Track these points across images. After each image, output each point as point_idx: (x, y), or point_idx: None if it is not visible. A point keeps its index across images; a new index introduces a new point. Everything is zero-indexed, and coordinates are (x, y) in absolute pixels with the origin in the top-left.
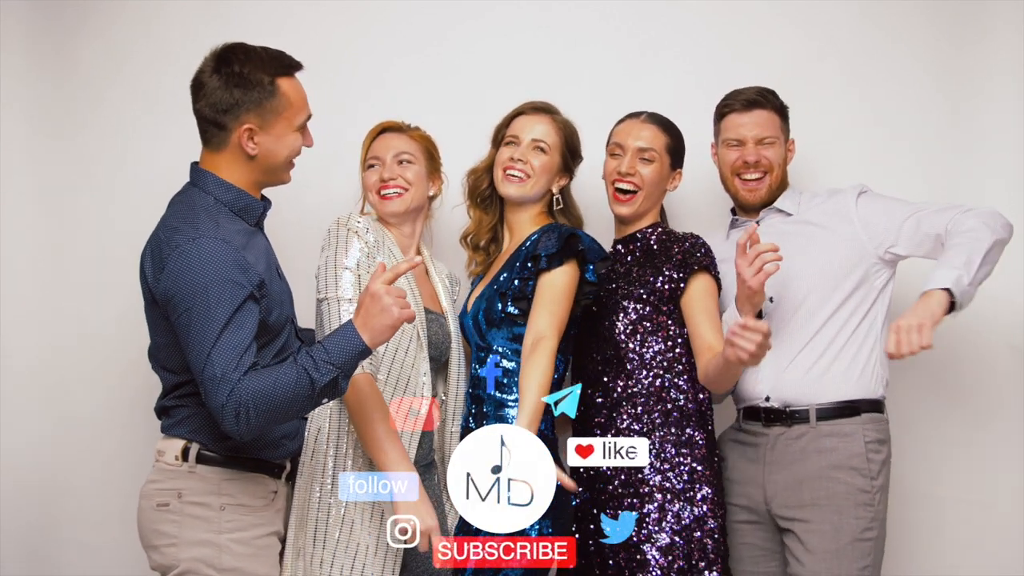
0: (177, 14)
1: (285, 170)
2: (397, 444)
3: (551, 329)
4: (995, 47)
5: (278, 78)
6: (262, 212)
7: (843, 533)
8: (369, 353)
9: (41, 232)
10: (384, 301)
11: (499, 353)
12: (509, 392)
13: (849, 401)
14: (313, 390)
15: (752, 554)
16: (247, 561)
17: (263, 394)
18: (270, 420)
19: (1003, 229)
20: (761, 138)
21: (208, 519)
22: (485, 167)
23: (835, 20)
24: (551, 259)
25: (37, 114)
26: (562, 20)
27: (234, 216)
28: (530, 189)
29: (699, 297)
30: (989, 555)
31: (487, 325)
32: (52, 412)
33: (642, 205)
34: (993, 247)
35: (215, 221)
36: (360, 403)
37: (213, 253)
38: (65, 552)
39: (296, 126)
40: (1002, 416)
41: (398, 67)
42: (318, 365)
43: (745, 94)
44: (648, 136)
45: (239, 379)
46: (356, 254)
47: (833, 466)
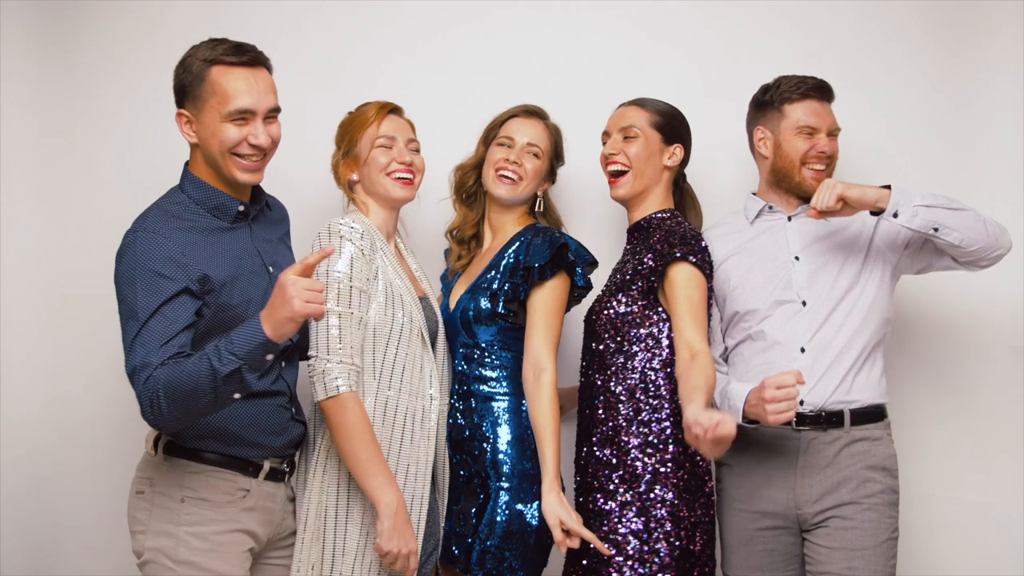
0: (177, 14)
1: (224, 162)
2: (381, 467)
3: (549, 358)
4: (995, 47)
5: (212, 66)
6: (241, 211)
7: (881, 531)
8: (274, 346)
9: (41, 231)
10: (287, 292)
11: (485, 348)
12: (497, 384)
13: (875, 405)
14: (215, 380)
15: (773, 561)
16: (202, 556)
17: (171, 383)
18: (182, 411)
19: (995, 228)
20: (833, 129)
21: (170, 510)
22: (473, 164)
23: (835, 20)
24: (543, 270)
25: (37, 113)
26: (561, 19)
27: (209, 215)
28: (521, 192)
29: (680, 287)
30: (989, 555)
31: (475, 322)
32: (52, 412)
33: (635, 185)
34: (970, 216)
35: (168, 217)
36: (343, 423)
37: (146, 247)
38: (65, 552)
39: (223, 115)
40: (1002, 416)
41: (396, 63)
42: (221, 355)
43: (815, 81)
44: (630, 115)
45: (155, 369)
46: (348, 260)
47: (870, 467)
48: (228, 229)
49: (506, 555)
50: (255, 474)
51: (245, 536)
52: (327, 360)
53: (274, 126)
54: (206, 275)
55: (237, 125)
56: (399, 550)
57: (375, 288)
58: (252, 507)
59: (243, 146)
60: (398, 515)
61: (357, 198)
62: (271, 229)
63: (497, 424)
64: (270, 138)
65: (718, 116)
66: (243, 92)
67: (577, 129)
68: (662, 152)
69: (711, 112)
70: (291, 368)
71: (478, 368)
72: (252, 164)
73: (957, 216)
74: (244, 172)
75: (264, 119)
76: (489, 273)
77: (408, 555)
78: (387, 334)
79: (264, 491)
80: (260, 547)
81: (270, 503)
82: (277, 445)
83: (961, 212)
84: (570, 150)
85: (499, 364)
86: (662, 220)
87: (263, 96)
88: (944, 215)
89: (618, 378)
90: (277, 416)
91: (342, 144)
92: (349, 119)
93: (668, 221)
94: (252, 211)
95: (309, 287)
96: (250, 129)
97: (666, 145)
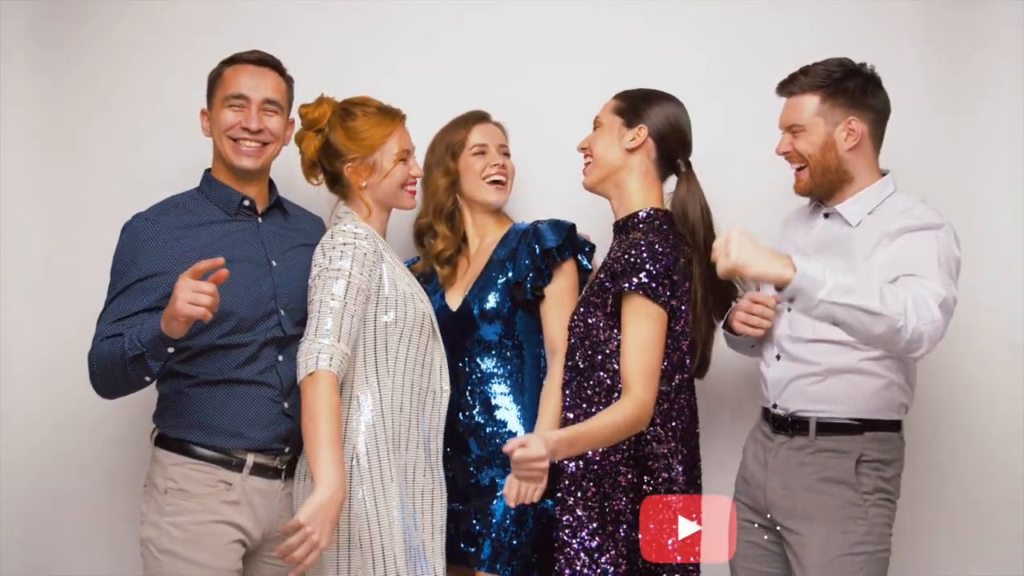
0: (178, 14)
1: (223, 146)
2: (337, 454)
3: (563, 341)
4: (995, 47)
5: (228, 66)
6: (246, 205)
7: (831, 547)
8: (170, 340)
9: (43, 233)
10: (177, 293)
11: (491, 345)
12: (503, 382)
13: (852, 419)
14: (124, 361)
15: (755, 552)
16: (182, 546)
17: (100, 357)
18: (104, 382)
19: (915, 319)
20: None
21: (157, 501)
22: (448, 184)
23: (836, 20)
24: (561, 250)
25: (39, 114)
26: (561, 20)
27: (215, 207)
28: (508, 192)
29: (628, 321)
30: (989, 555)
31: (482, 319)
32: (52, 412)
33: (594, 173)
34: (877, 315)
35: (170, 207)
36: (311, 400)
37: (133, 233)
38: (65, 552)
39: (222, 100)
40: (1002, 416)
41: (396, 64)
42: (130, 339)
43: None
44: (603, 107)
45: (100, 341)
46: (350, 259)
47: (823, 479)
48: (230, 220)
49: (532, 551)
50: (239, 469)
51: (228, 528)
52: (314, 341)
53: (272, 119)
54: (169, 270)
55: (234, 110)
56: (313, 534)
57: (381, 293)
58: (236, 501)
59: (237, 129)
60: (331, 503)
61: (362, 198)
62: (286, 232)
63: (504, 421)
64: (264, 126)
65: (718, 116)
66: (242, 81)
67: (583, 131)
68: (622, 136)
69: (712, 112)
70: (289, 364)
71: (484, 366)
72: (248, 150)
73: (864, 320)
74: (240, 156)
75: (261, 109)
76: (491, 272)
77: (315, 547)
78: (399, 332)
79: (251, 486)
80: (253, 543)
81: (260, 499)
82: (261, 438)
83: (871, 317)
84: (570, 149)
85: (504, 362)
86: (643, 221)
87: (259, 86)
88: (846, 314)
89: (587, 383)
90: (264, 408)
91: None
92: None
93: (643, 225)
94: (260, 207)
95: (196, 289)
96: (245, 114)
97: (627, 128)
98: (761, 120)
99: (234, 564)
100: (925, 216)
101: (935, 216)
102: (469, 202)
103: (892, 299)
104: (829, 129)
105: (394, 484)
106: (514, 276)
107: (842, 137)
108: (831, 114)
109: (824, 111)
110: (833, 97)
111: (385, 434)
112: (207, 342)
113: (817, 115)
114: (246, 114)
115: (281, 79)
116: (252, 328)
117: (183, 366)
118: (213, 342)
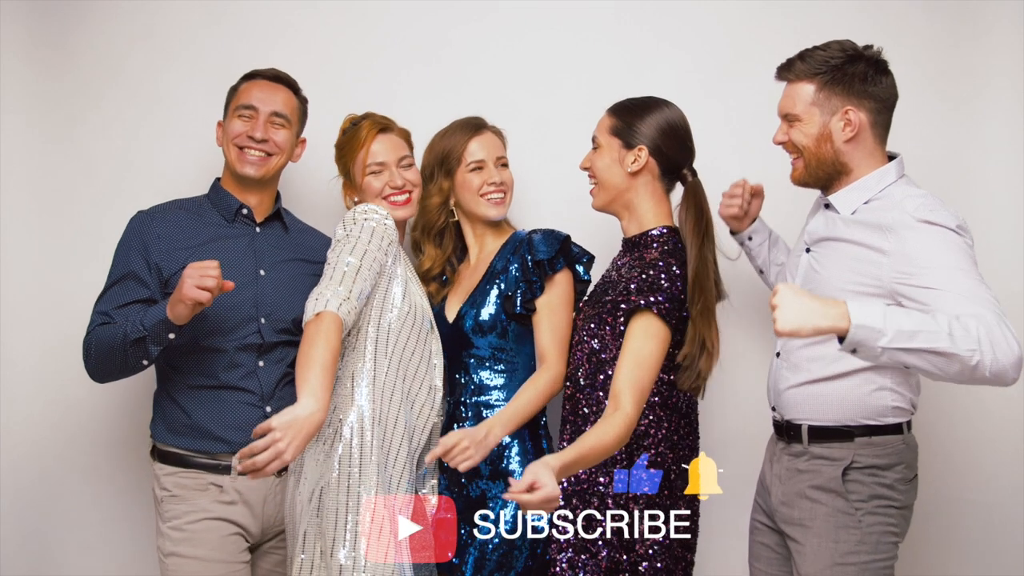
0: (177, 15)
1: (229, 153)
2: (326, 378)
3: (555, 355)
4: (994, 47)
5: (245, 81)
6: (244, 213)
7: (821, 557)
8: (173, 325)
9: (41, 232)
10: (184, 278)
11: (485, 358)
12: (498, 393)
13: (844, 425)
14: (125, 343)
15: (768, 555)
16: (181, 546)
17: (99, 339)
18: (101, 363)
19: (990, 354)
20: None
21: (159, 511)
22: (440, 202)
23: (835, 20)
24: (553, 262)
25: (37, 114)
26: (561, 20)
27: (215, 211)
28: (508, 206)
29: (633, 336)
30: (989, 555)
31: (475, 332)
32: (52, 412)
33: (601, 196)
34: (949, 355)
35: (174, 206)
36: (312, 333)
37: (131, 227)
38: (65, 552)
39: (233, 109)
40: (1002, 416)
41: (398, 62)
42: (133, 322)
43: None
44: (599, 124)
45: (97, 326)
46: (371, 230)
47: (815, 487)
48: (226, 226)
49: (530, 563)
50: (226, 472)
51: (224, 523)
52: (324, 289)
53: (280, 132)
54: (159, 266)
55: (242, 120)
56: (280, 442)
57: (393, 282)
58: (232, 501)
59: (243, 138)
60: (309, 421)
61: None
62: (282, 244)
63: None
64: (270, 137)
65: (718, 115)
66: (254, 94)
67: (583, 134)
68: (623, 159)
69: (711, 112)
70: (270, 369)
71: (478, 378)
72: (252, 158)
73: (936, 363)
74: (243, 164)
75: (269, 121)
76: (486, 284)
77: (278, 456)
78: (400, 327)
79: (243, 486)
80: (254, 539)
81: (255, 496)
82: (243, 441)
83: (943, 359)
84: (571, 152)
85: (499, 373)
86: (656, 240)
87: (270, 99)
88: (916, 359)
89: (585, 401)
90: (245, 413)
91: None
92: (342, 142)
93: (656, 245)
94: (259, 217)
95: (203, 272)
96: (252, 124)
97: (626, 150)
98: (761, 109)
99: (236, 556)
100: (918, 211)
101: (926, 211)
102: (468, 214)
103: (963, 335)
104: (825, 119)
105: (372, 466)
106: (504, 289)
107: (839, 128)
108: (827, 103)
109: (820, 100)
110: (830, 85)
111: (373, 430)
112: (188, 339)
113: (813, 104)
114: (253, 124)
115: (294, 96)
116: (228, 333)
117: (173, 370)
118: (194, 341)
